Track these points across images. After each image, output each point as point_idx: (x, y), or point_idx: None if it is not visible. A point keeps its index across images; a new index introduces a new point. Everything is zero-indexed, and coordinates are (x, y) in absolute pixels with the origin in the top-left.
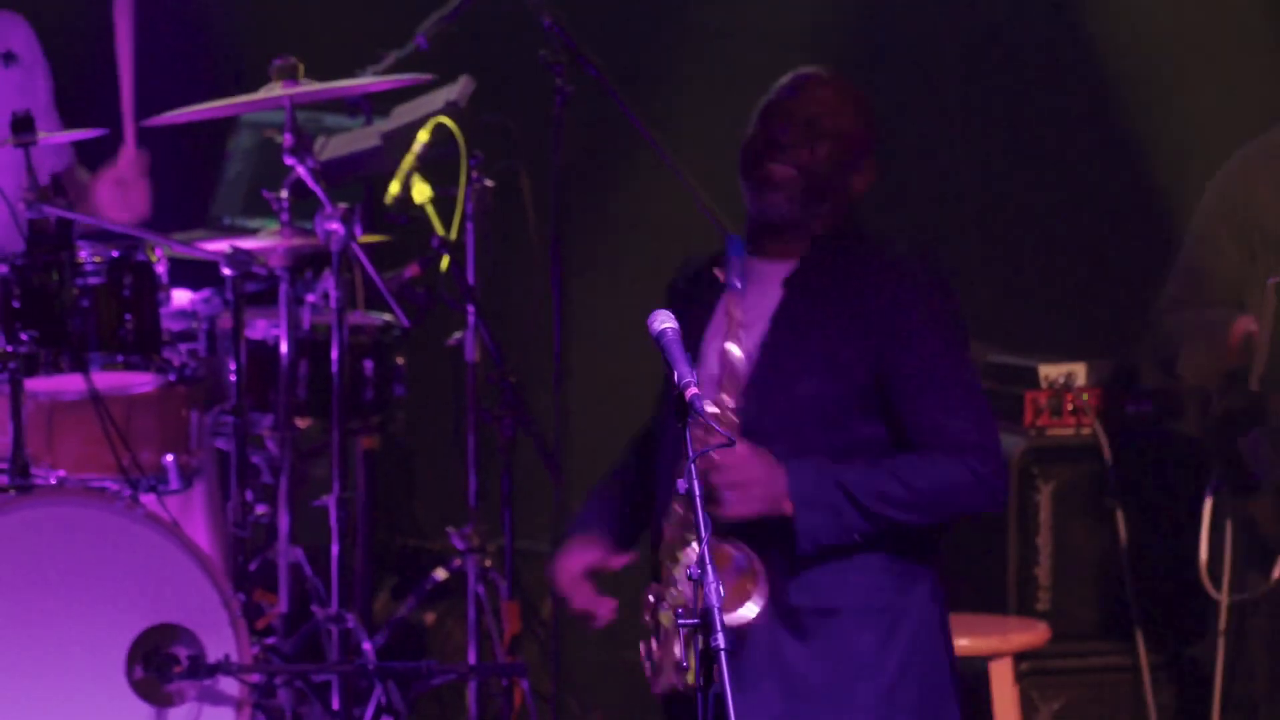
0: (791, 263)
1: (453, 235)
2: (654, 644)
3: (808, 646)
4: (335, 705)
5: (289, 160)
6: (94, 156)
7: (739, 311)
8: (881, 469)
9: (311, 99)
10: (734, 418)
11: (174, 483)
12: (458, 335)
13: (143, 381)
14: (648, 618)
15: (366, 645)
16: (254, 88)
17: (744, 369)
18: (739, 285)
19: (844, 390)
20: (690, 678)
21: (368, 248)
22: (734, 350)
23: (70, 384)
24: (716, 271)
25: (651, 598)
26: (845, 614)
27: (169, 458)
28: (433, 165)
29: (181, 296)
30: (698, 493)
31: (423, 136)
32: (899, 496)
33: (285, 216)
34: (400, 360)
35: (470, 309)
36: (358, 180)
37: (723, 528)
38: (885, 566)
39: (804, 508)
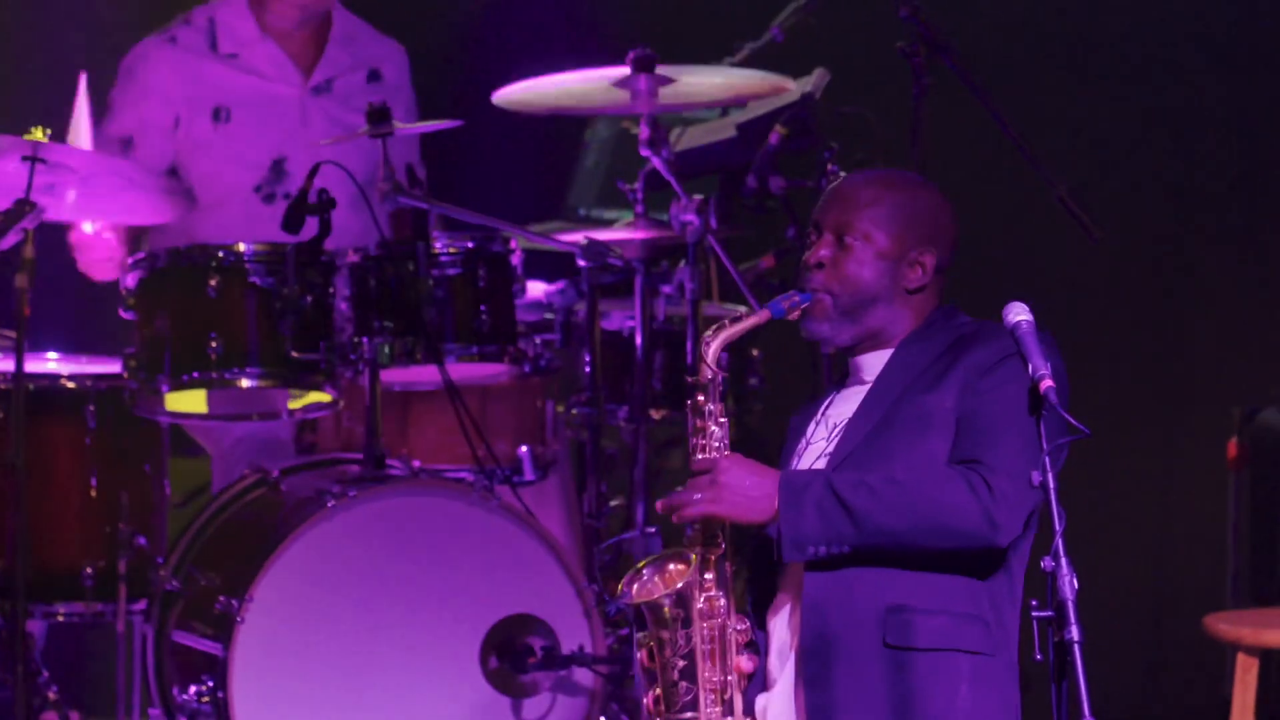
0: (885, 354)
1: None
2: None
3: (886, 685)
4: None
5: (645, 151)
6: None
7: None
8: (876, 472)
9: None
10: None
11: (528, 474)
12: None
13: (498, 373)
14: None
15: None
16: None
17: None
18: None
19: (933, 445)
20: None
21: (723, 239)
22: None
23: (425, 375)
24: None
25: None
26: (929, 654)
27: (524, 449)
28: (789, 157)
29: (536, 288)
30: (1052, 486)
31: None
32: (882, 491)
33: (640, 208)
34: (756, 352)
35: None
36: (714, 171)
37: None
38: (961, 607)
39: (788, 508)
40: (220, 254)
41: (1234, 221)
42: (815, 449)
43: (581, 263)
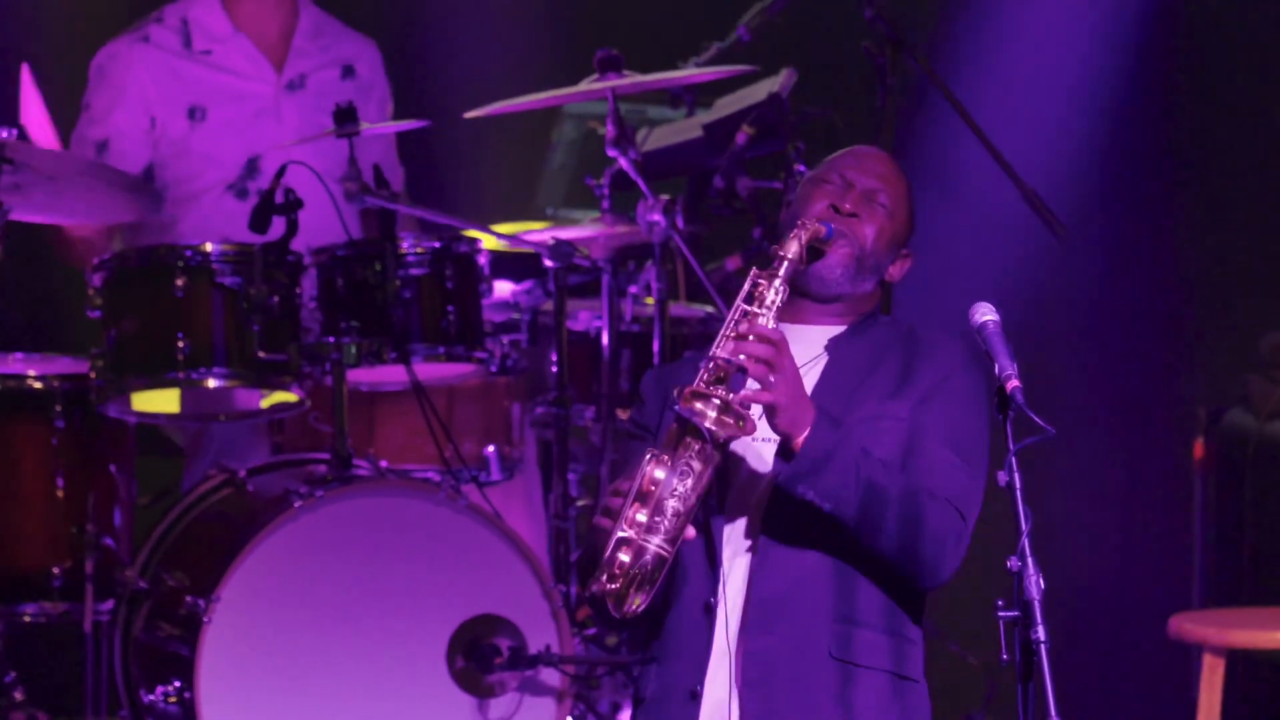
0: (831, 330)
1: None
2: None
3: (829, 697)
4: None
5: (611, 152)
6: None
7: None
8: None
9: (634, 90)
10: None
11: (495, 473)
12: None
13: (465, 373)
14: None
15: None
16: (577, 79)
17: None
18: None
19: (890, 446)
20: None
21: (690, 239)
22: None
23: (393, 375)
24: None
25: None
26: (875, 673)
27: (490, 448)
28: (755, 158)
29: (503, 288)
30: (1018, 485)
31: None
32: (893, 485)
33: (607, 207)
34: None
35: None
36: (680, 172)
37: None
38: (904, 631)
39: (821, 426)
40: (187, 254)
41: (1199, 221)
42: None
43: (548, 263)
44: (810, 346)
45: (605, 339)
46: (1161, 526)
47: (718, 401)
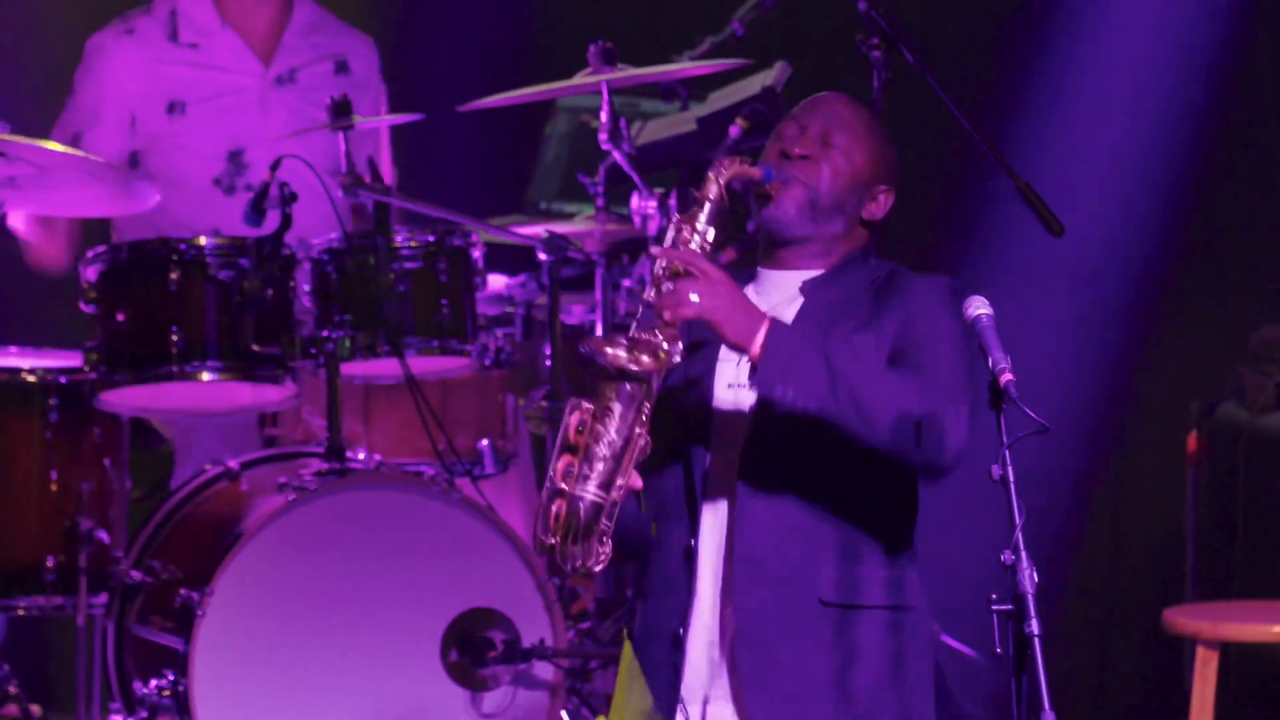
0: (808, 273)
1: None
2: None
3: (824, 643)
4: None
5: (605, 145)
6: None
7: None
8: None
9: (628, 84)
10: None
11: (489, 467)
12: None
13: (459, 366)
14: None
15: None
16: (571, 73)
17: None
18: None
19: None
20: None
21: None
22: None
23: (386, 368)
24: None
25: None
26: (867, 611)
27: (484, 442)
28: (749, 151)
29: (497, 281)
30: (1011, 479)
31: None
32: (875, 366)
33: (601, 201)
34: None
35: None
36: (674, 165)
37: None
38: (892, 562)
39: (779, 327)
40: (182, 247)
41: (1191, 215)
42: (733, 369)
43: (542, 256)
44: (786, 290)
45: (599, 333)
46: (1154, 520)
47: (624, 339)
